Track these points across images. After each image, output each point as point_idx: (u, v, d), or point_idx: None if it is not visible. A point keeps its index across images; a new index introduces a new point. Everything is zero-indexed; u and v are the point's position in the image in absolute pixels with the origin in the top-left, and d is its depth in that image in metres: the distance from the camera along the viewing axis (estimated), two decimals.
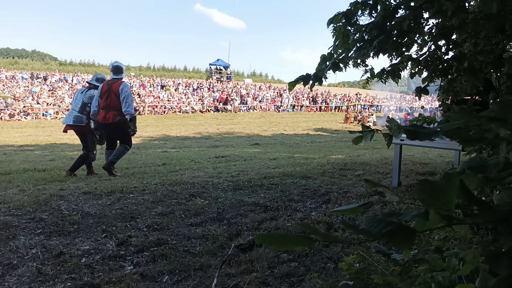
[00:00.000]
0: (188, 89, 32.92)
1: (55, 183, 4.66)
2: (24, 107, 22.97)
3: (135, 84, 31.56)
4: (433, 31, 2.86)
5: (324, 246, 2.46)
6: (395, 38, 2.47)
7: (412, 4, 2.40)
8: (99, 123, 5.33)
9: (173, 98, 29.70)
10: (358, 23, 2.57)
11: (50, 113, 23.37)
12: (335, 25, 2.62)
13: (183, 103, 28.68)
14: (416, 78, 3.10)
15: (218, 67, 41.54)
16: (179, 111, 27.42)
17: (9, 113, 21.82)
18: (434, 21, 2.85)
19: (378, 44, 2.33)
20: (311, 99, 34.96)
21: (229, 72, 42.12)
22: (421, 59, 2.91)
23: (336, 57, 2.55)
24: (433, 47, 2.93)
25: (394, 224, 0.48)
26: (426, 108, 29.88)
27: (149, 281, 2.07)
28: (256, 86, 38.61)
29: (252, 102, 31.74)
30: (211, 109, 29.14)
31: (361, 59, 2.68)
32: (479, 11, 2.52)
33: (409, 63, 2.95)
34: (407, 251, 1.45)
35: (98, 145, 5.64)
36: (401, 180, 4.43)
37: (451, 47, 2.98)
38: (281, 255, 2.36)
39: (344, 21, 2.57)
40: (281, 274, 2.11)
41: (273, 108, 31.92)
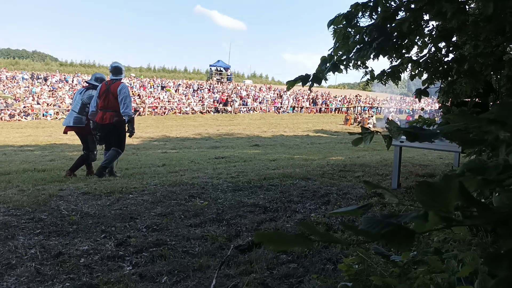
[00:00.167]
0: (188, 90, 32.97)
1: (55, 183, 4.66)
2: (24, 107, 22.99)
3: (136, 85, 31.59)
4: (433, 33, 2.87)
5: (323, 247, 2.46)
6: (395, 40, 2.47)
7: (412, 6, 2.40)
8: (96, 124, 5.32)
9: (173, 99, 29.73)
10: (358, 25, 2.57)
11: (50, 114, 23.39)
12: (336, 27, 2.62)
13: (183, 104, 28.70)
14: (416, 80, 3.10)
15: (218, 68, 41.57)
16: (179, 112, 27.44)
17: (9, 114, 21.84)
18: (434, 23, 2.85)
19: (377, 45, 2.34)
20: (311, 101, 34.98)
21: (229, 73, 42.16)
22: (421, 61, 2.91)
23: (336, 58, 2.55)
24: (433, 49, 2.93)
25: (393, 225, 0.48)
26: (426, 110, 29.90)
27: (148, 281, 2.07)
28: (256, 87, 38.66)
29: (252, 103, 31.77)
30: (211, 110, 29.16)
31: (361, 61, 2.69)
32: (479, 13, 2.52)
33: (409, 65, 2.96)
34: (406, 253, 1.45)
35: (98, 145, 5.63)
36: (401, 181, 4.43)
37: (451, 49, 2.98)
38: (280, 256, 2.36)
39: (344, 22, 2.57)
40: (280, 275, 2.11)
41: (273, 109, 31.94)
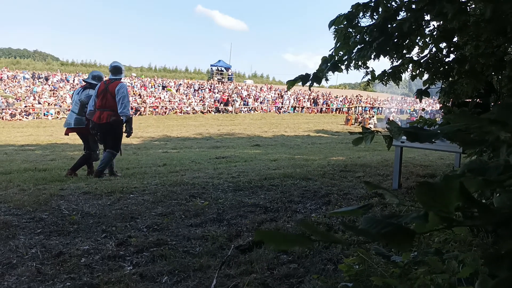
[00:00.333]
0: (189, 90, 32.98)
1: (56, 183, 4.67)
2: (25, 107, 23.03)
3: (137, 84, 31.63)
4: (434, 34, 2.86)
5: (323, 247, 2.46)
6: (395, 40, 2.47)
7: (413, 6, 2.40)
8: (94, 123, 5.26)
9: (174, 98, 29.74)
10: (359, 25, 2.57)
11: (51, 113, 23.43)
12: (337, 27, 2.62)
13: (184, 104, 28.71)
14: (417, 80, 3.10)
15: (219, 68, 41.60)
16: (180, 112, 27.45)
17: (11, 113, 21.88)
18: (435, 24, 2.85)
19: (378, 45, 2.34)
20: (312, 101, 34.97)
21: (230, 73, 42.19)
22: (422, 61, 2.90)
23: (337, 58, 2.55)
24: (434, 50, 2.92)
25: (393, 225, 0.48)
26: (427, 110, 29.87)
27: (149, 281, 2.07)
28: (257, 87, 38.67)
29: (253, 103, 31.77)
30: (212, 110, 29.17)
31: (362, 61, 2.68)
32: (480, 13, 2.52)
33: (410, 65, 2.95)
34: (406, 253, 1.45)
35: (100, 144, 5.62)
36: (402, 182, 4.43)
37: (452, 49, 2.98)
38: (281, 256, 2.36)
39: (345, 23, 2.57)
40: (281, 275, 2.11)
41: (274, 109, 31.93)
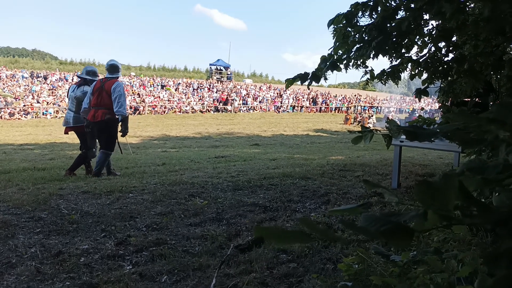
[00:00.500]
0: (188, 89, 32.95)
1: (55, 182, 4.66)
2: (24, 106, 22.98)
3: (136, 83, 31.59)
4: (433, 33, 2.86)
5: (323, 247, 2.46)
6: (394, 39, 2.47)
7: (412, 5, 2.40)
8: (89, 122, 5.19)
9: (173, 98, 29.71)
10: (358, 24, 2.57)
11: (50, 112, 23.38)
12: (336, 26, 2.62)
13: (183, 103, 28.69)
14: (416, 79, 3.10)
15: (218, 68, 41.57)
16: (179, 111, 27.43)
17: (9, 112, 21.82)
18: (434, 23, 2.85)
19: (377, 44, 2.34)
20: (311, 100, 34.97)
21: (229, 72, 42.16)
22: (421, 60, 2.91)
23: (336, 58, 2.55)
24: (433, 49, 2.93)
25: (392, 223, 0.48)
26: (426, 109, 29.90)
27: (148, 280, 2.07)
28: (256, 86, 38.65)
29: (252, 102, 31.75)
30: (211, 109, 29.15)
31: (361, 60, 2.69)
32: (479, 13, 2.52)
33: (409, 64, 2.95)
34: (406, 253, 1.45)
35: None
36: (401, 181, 4.44)
37: (451, 49, 2.98)
38: (280, 255, 2.36)
39: (344, 22, 2.57)
40: (280, 274, 2.11)
41: (273, 108, 31.93)
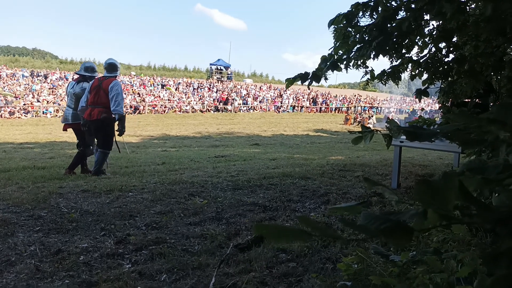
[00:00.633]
0: (188, 89, 32.95)
1: (54, 180, 4.66)
2: (24, 105, 22.97)
3: (136, 83, 31.58)
4: (434, 33, 2.87)
5: (322, 246, 2.46)
6: (395, 39, 2.47)
7: (412, 6, 2.40)
8: (85, 120, 5.17)
9: (173, 97, 29.71)
10: (359, 24, 2.57)
11: (50, 111, 23.38)
12: (336, 26, 2.62)
13: (184, 103, 28.69)
14: (416, 80, 3.10)
15: (218, 67, 41.57)
16: (179, 111, 27.43)
17: (9, 111, 21.82)
18: (434, 23, 2.85)
19: (377, 45, 2.34)
20: (311, 100, 34.97)
21: (229, 72, 42.15)
22: (421, 61, 2.91)
23: (336, 58, 2.55)
24: (433, 49, 2.93)
25: (392, 221, 0.48)
26: (426, 110, 29.91)
27: (147, 279, 2.07)
28: (256, 86, 38.64)
29: (252, 102, 31.75)
30: (211, 109, 29.15)
31: (361, 60, 2.69)
32: (479, 13, 2.52)
33: (410, 65, 2.95)
34: (405, 252, 1.45)
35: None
36: (401, 181, 4.44)
37: (451, 49, 2.98)
38: (280, 255, 2.36)
39: (345, 22, 2.57)
40: (279, 274, 2.11)
41: (273, 108, 31.92)
